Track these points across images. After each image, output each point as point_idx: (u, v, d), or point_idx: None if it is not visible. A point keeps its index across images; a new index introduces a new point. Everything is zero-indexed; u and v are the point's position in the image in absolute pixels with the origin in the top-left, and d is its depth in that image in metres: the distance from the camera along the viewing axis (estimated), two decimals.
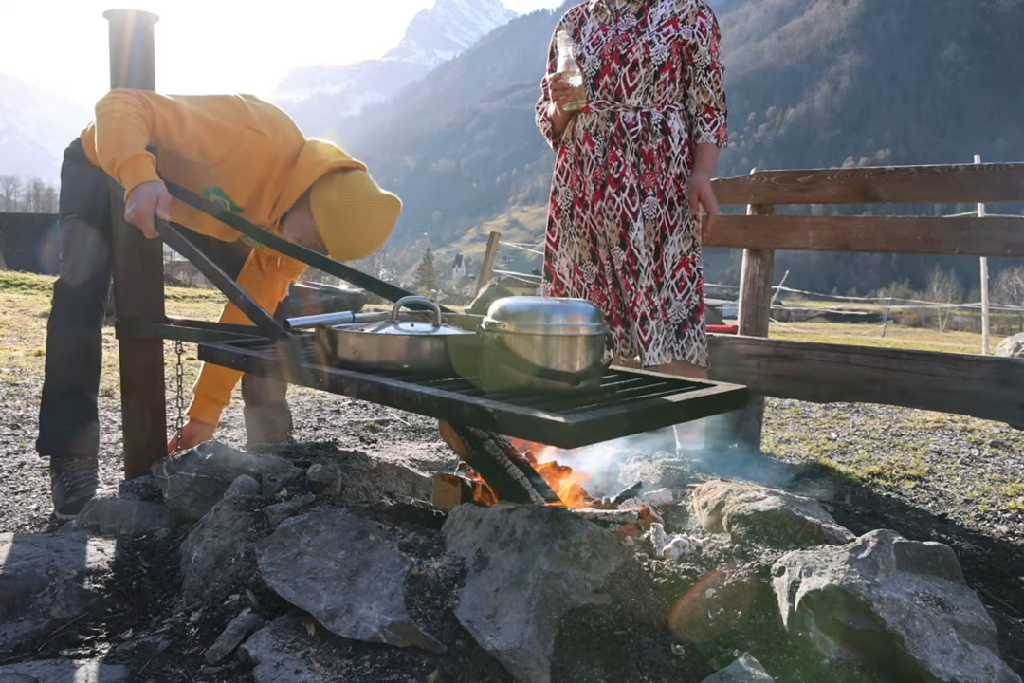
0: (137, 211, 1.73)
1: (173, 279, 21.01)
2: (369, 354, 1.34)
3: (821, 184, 2.97)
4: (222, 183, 2.01)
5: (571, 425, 1.00)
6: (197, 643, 1.25)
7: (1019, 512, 2.42)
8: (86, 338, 2.07)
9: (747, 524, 1.44)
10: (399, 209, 2.04)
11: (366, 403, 3.91)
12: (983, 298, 8.31)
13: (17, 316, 7.26)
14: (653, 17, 2.35)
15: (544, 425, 1.03)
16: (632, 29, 2.37)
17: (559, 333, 1.18)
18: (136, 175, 1.75)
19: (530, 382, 1.20)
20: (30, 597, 1.36)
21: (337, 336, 1.38)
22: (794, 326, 20.02)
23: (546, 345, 1.19)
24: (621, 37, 2.37)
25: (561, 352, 1.18)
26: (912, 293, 76.81)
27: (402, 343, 1.34)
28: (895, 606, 1.13)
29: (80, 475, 2.05)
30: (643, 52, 2.31)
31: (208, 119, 1.89)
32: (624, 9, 2.40)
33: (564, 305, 1.22)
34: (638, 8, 2.38)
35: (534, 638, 1.09)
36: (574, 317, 1.19)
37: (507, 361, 1.19)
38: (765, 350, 2.56)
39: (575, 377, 1.19)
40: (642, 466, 1.93)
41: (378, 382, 1.23)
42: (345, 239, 1.96)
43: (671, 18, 2.34)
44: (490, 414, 1.09)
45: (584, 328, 1.19)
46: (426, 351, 1.34)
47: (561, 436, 1.01)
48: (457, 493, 1.64)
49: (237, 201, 2.04)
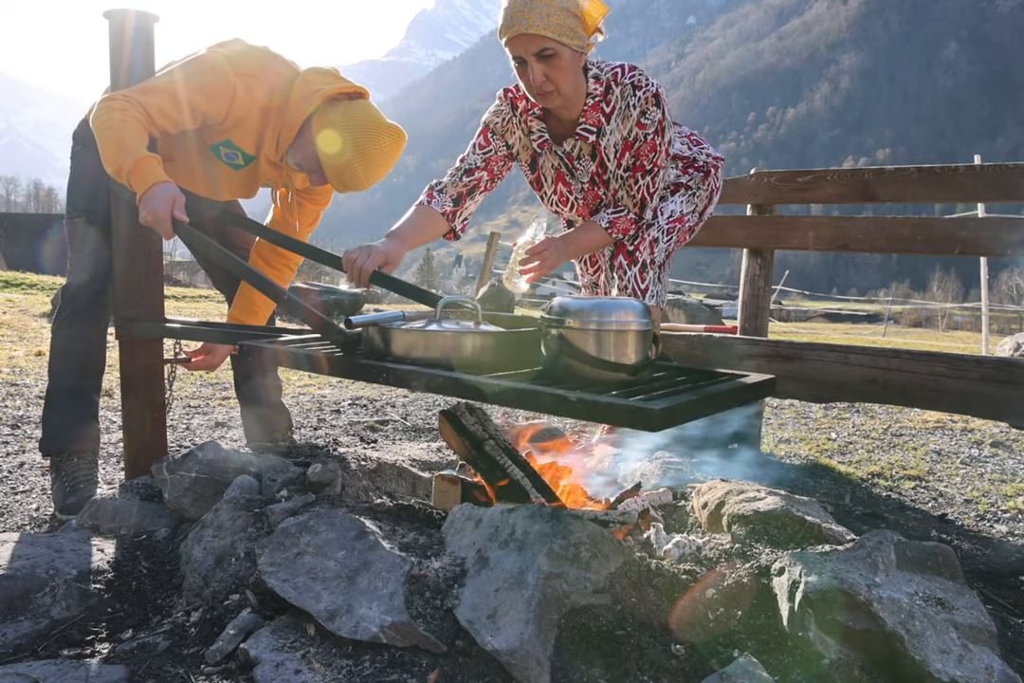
0: (155, 213, 1.73)
1: (173, 279, 21.02)
2: (427, 350, 1.38)
3: (821, 184, 2.97)
4: (230, 135, 1.99)
5: (657, 411, 1.08)
6: (197, 643, 1.25)
7: (1019, 512, 2.42)
8: (86, 337, 2.07)
9: (747, 524, 1.44)
10: (404, 141, 2.00)
11: (366, 403, 3.91)
12: (983, 298, 8.31)
13: (17, 316, 7.27)
14: (608, 152, 2.10)
15: (631, 411, 1.10)
16: (594, 178, 2.16)
17: (619, 328, 1.28)
18: (145, 178, 1.75)
19: (591, 373, 1.28)
20: (30, 597, 1.36)
21: (392, 334, 1.41)
22: (794, 326, 20.02)
23: (607, 340, 1.28)
24: (591, 196, 2.21)
25: (620, 346, 1.28)
26: (912, 293, 76.88)
27: (464, 339, 1.38)
28: (895, 606, 1.13)
29: (80, 475, 2.05)
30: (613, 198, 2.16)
31: (201, 85, 1.87)
32: (576, 149, 2.14)
33: (619, 303, 1.32)
34: (591, 147, 2.11)
35: (534, 638, 1.09)
36: (629, 314, 1.29)
37: (570, 354, 1.28)
38: (765, 350, 2.56)
39: (632, 368, 1.28)
40: (642, 466, 1.93)
41: (451, 376, 1.28)
42: (346, 165, 1.92)
43: (624, 144, 2.08)
44: (573, 402, 1.14)
45: (636, 324, 1.29)
46: (481, 347, 1.39)
47: (647, 421, 1.09)
48: (457, 493, 1.64)
49: (247, 149, 2.03)
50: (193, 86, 1.86)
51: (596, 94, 2.05)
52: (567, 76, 1.95)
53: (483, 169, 2.16)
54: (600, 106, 2.06)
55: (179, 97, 1.85)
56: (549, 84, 1.93)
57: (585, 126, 2.08)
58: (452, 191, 2.14)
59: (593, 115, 2.06)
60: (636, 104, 2.02)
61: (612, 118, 2.06)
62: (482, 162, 2.16)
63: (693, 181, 2.27)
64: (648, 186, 2.11)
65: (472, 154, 2.18)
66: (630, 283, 2.17)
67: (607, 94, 2.05)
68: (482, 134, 2.19)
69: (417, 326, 1.43)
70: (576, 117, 2.09)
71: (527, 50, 1.89)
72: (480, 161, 2.16)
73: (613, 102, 2.05)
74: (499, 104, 2.19)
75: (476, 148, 2.18)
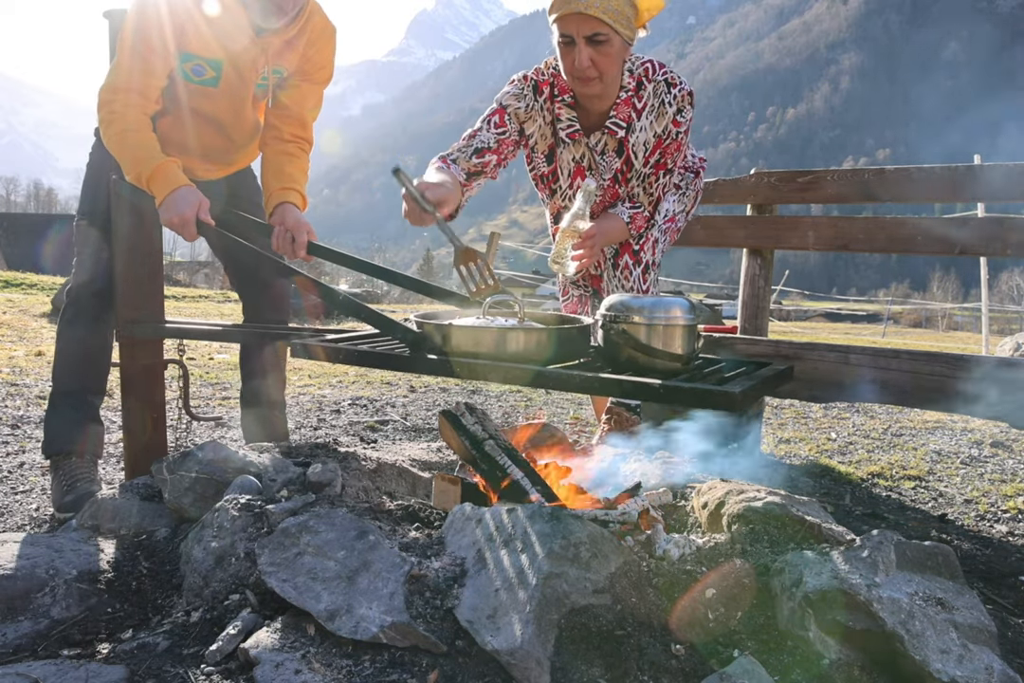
0: (181, 216, 1.75)
1: (173, 279, 21.02)
2: (491, 345, 1.43)
3: (821, 184, 2.97)
4: (186, 47, 1.91)
5: (738, 393, 1.19)
6: (197, 643, 1.25)
7: (1019, 512, 2.42)
8: (87, 339, 2.07)
9: (747, 524, 1.44)
10: None
11: (366, 403, 3.90)
12: (983, 298, 8.31)
13: (17, 316, 7.27)
14: (636, 149, 2.03)
15: (714, 394, 1.20)
16: (617, 175, 2.08)
17: (674, 323, 1.42)
18: (166, 183, 1.77)
19: (647, 363, 1.41)
20: (30, 597, 1.36)
21: (452, 330, 1.46)
22: (794, 326, 20.02)
23: (668, 333, 1.42)
24: (610, 193, 2.12)
25: (675, 338, 1.42)
26: (912, 293, 76.90)
27: (524, 335, 1.44)
28: (895, 606, 1.13)
29: (78, 474, 2.05)
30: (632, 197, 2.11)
31: (142, 29, 1.83)
32: (601, 144, 2.05)
33: (672, 301, 1.45)
34: (617, 143, 2.04)
35: (534, 638, 1.09)
36: (680, 310, 1.43)
37: (634, 346, 1.41)
38: (765, 350, 2.56)
39: (685, 358, 1.42)
40: (642, 466, 1.93)
41: (530, 368, 1.36)
42: None
43: (655, 143, 2.02)
44: (656, 388, 1.24)
45: (685, 319, 1.43)
46: (537, 342, 1.46)
47: (730, 402, 1.19)
48: (457, 493, 1.64)
49: (208, 53, 1.93)
50: (140, 38, 1.83)
51: (629, 88, 2.00)
52: (614, 66, 1.89)
53: (493, 152, 2.03)
54: (632, 101, 2.01)
55: (145, 55, 1.83)
56: (593, 70, 1.87)
57: (615, 120, 2.02)
58: (464, 165, 2.01)
59: (624, 110, 2.01)
60: (672, 101, 1.98)
61: (644, 115, 2.01)
62: (495, 143, 2.03)
63: (684, 181, 2.25)
64: (666, 185, 2.09)
65: (485, 132, 2.04)
66: (635, 284, 2.17)
67: (639, 90, 2.00)
68: (498, 114, 2.06)
69: (475, 323, 1.48)
70: (606, 109, 2.02)
71: (579, 31, 1.81)
72: (493, 142, 2.03)
73: (645, 98, 2.00)
74: (520, 87, 2.07)
75: (491, 126, 2.05)
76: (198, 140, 2.09)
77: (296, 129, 2.12)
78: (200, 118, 2.06)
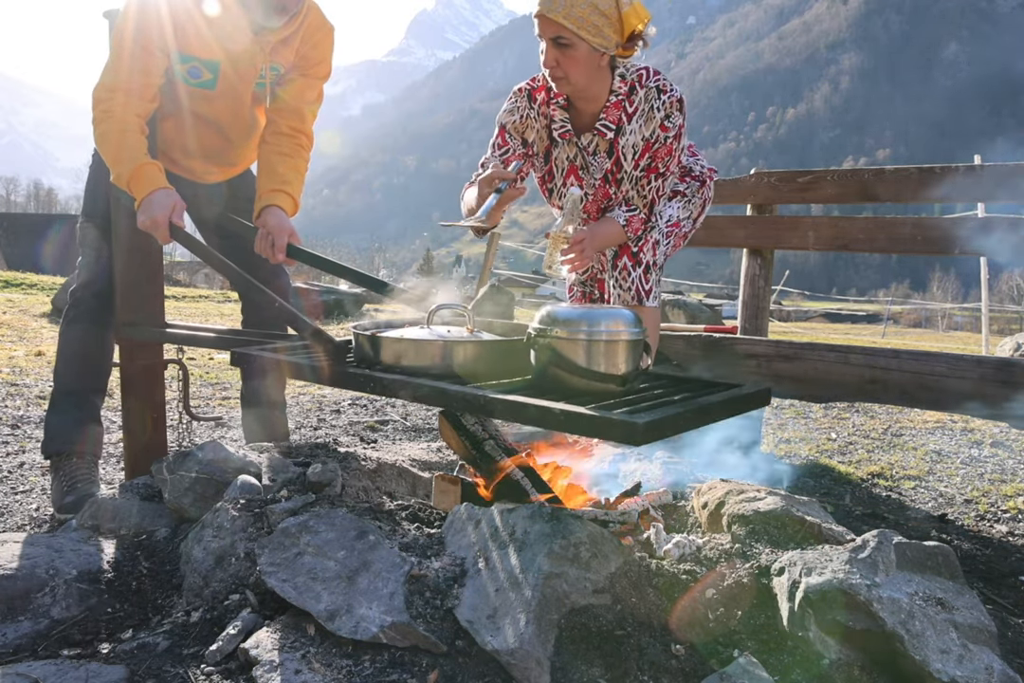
0: (153, 219, 1.75)
1: (173, 279, 21.01)
2: (416, 359, 1.35)
3: (821, 184, 2.97)
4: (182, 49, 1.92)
5: (641, 424, 1.06)
6: (197, 643, 1.25)
7: (1019, 512, 2.42)
8: (88, 339, 2.07)
9: (747, 524, 1.44)
10: None
11: (366, 403, 3.90)
12: (983, 298, 8.31)
13: (17, 316, 7.27)
14: (625, 152, 2.10)
15: (615, 424, 1.08)
16: (607, 175, 2.15)
17: (608, 338, 1.25)
18: (145, 184, 1.78)
19: (581, 384, 1.25)
20: (30, 597, 1.36)
21: (381, 341, 1.39)
22: (794, 326, 20.01)
23: (596, 350, 1.25)
24: (601, 193, 2.19)
25: (610, 356, 1.25)
26: (912, 293, 76.91)
27: (453, 348, 1.35)
28: (895, 606, 1.13)
29: (78, 475, 2.05)
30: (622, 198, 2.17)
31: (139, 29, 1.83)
32: (592, 145, 2.13)
33: (609, 312, 1.29)
34: (607, 144, 2.11)
35: (534, 638, 1.09)
36: (619, 323, 1.26)
37: (558, 365, 1.26)
38: (765, 350, 2.56)
39: (621, 379, 1.25)
40: (642, 466, 1.93)
41: (438, 386, 1.25)
42: None
43: (644, 146, 2.08)
44: (557, 415, 1.13)
45: (627, 333, 1.26)
46: (470, 355, 1.36)
47: (631, 435, 1.06)
48: (457, 493, 1.64)
49: (205, 53, 1.94)
50: (136, 37, 1.84)
51: (620, 92, 2.06)
52: (579, 69, 1.95)
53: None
54: (622, 105, 2.07)
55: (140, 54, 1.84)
56: (559, 70, 1.95)
57: (604, 122, 2.08)
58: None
59: (614, 112, 2.07)
60: (661, 107, 2.04)
61: (634, 119, 2.07)
62: (502, 163, 2.13)
63: (690, 189, 2.30)
64: (659, 189, 2.13)
65: (491, 155, 2.17)
66: (635, 284, 2.18)
67: (631, 94, 2.07)
68: (499, 135, 2.18)
69: (407, 334, 1.41)
70: (596, 111, 2.09)
71: (544, 32, 1.91)
72: (500, 162, 2.13)
73: (636, 103, 2.07)
74: (514, 101, 2.18)
75: (495, 149, 2.17)
76: (198, 142, 2.09)
77: (294, 122, 2.12)
78: (200, 120, 2.07)
